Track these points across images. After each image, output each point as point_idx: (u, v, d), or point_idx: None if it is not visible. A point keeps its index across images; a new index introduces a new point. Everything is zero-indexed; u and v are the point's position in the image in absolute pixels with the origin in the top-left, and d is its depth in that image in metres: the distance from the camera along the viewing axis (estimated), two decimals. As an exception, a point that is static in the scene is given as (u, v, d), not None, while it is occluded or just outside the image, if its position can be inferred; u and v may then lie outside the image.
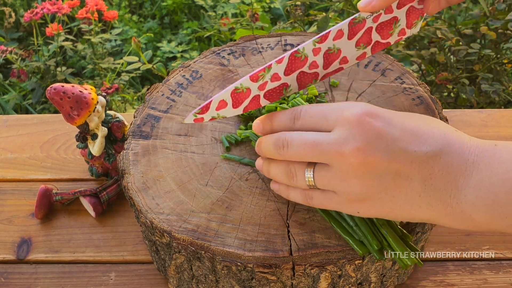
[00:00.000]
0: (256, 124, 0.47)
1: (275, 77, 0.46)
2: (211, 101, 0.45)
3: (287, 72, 0.47)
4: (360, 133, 0.39)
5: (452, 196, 0.38)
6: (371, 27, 0.49)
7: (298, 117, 0.44)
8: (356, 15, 0.47)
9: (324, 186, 0.42)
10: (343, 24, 0.47)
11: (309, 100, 0.57)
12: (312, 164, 0.42)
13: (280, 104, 0.54)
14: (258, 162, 0.48)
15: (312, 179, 0.42)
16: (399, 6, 0.49)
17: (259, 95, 0.47)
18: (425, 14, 0.52)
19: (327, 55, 0.48)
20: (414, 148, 0.39)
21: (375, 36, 0.50)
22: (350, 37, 0.48)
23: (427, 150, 0.38)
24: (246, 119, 0.58)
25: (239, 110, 0.47)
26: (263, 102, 0.48)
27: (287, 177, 0.44)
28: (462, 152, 0.38)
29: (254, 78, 0.45)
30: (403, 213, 0.40)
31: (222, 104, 0.46)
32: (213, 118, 0.46)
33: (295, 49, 0.46)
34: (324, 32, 0.46)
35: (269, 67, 0.45)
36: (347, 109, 0.41)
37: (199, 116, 0.45)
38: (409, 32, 0.53)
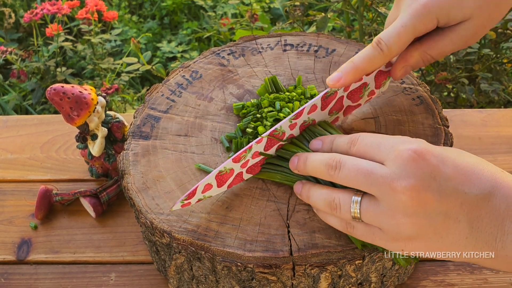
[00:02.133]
0: (313, 143, 0.48)
1: (255, 155, 0.48)
2: (196, 187, 0.46)
3: (266, 149, 0.49)
4: (414, 171, 0.38)
5: (497, 240, 0.38)
6: (343, 96, 0.52)
7: (355, 143, 0.43)
8: (328, 89, 0.50)
9: (370, 221, 0.41)
10: (316, 100, 0.49)
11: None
12: (359, 195, 0.42)
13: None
14: (297, 186, 0.47)
15: (358, 212, 0.41)
16: (367, 74, 0.51)
17: (241, 172, 0.49)
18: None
19: (303, 126, 0.50)
20: (465, 190, 0.38)
21: (346, 102, 0.53)
22: (323, 108, 0.51)
23: (477, 192, 0.38)
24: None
25: (224, 188, 0.49)
26: (246, 176, 0.50)
27: (330, 207, 0.43)
28: (510, 196, 0.38)
29: (236, 160, 0.47)
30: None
31: (208, 187, 0.47)
32: (199, 200, 0.48)
33: (272, 128, 0.48)
34: (298, 110, 0.48)
35: (250, 148, 0.47)
36: (402, 143, 0.40)
37: (186, 201, 0.47)
38: (378, 92, 0.57)
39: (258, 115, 0.55)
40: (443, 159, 0.39)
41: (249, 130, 0.54)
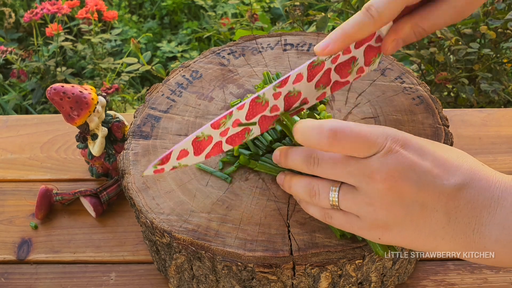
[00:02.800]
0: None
1: (236, 122, 0.46)
2: (171, 151, 0.44)
3: (248, 117, 0.46)
4: (393, 162, 0.39)
5: (475, 231, 0.38)
6: (330, 68, 0.49)
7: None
8: (315, 58, 0.47)
9: (347, 208, 0.42)
10: (302, 68, 0.47)
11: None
12: (337, 184, 0.42)
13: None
14: (280, 177, 0.48)
15: (337, 200, 0.42)
16: (356, 46, 0.50)
17: (221, 141, 0.46)
18: (382, 53, 0.52)
19: (288, 98, 0.48)
20: (443, 181, 0.39)
21: (334, 76, 0.51)
22: (309, 79, 0.48)
23: (455, 183, 0.38)
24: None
25: (202, 157, 0.46)
26: (226, 147, 0.47)
27: (309, 195, 0.44)
28: (488, 187, 0.38)
29: (215, 126, 0.45)
30: (426, 244, 0.40)
31: (183, 153, 0.45)
32: (174, 168, 0.45)
33: (255, 95, 0.45)
34: (283, 77, 0.46)
35: (230, 114, 0.45)
36: (382, 135, 0.40)
37: (159, 167, 0.44)
38: (367, 70, 0.54)
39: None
40: (422, 151, 0.39)
41: None
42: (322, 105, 0.56)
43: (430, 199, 0.39)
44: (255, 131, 0.48)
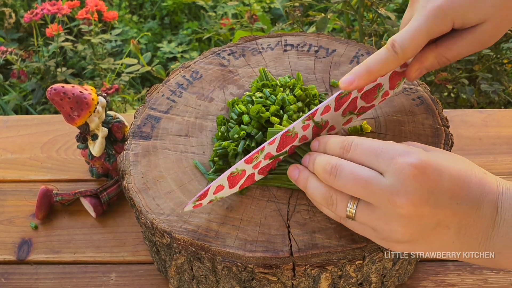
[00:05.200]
0: (312, 144, 0.48)
1: (268, 156, 0.48)
2: (208, 188, 0.46)
3: (278, 150, 0.48)
4: (414, 186, 0.39)
5: (481, 244, 0.41)
6: (356, 97, 0.51)
7: (348, 149, 0.43)
8: (341, 91, 0.49)
9: (363, 222, 0.42)
10: (330, 100, 0.49)
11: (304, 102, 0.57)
12: (356, 199, 0.42)
13: None
14: (294, 171, 0.48)
15: (354, 214, 0.42)
16: (381, 76, 0.51)
17: (253, 173, 0.49)
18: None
19: (316, 128, 0.50)
20: (458, 201, 0.40)
21: (360, 103, 0.53)
22: (336, 109, 0.50)
23: (468, 203, 0.40)
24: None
25: (236, 189, 0.48)
26: (258, 177, 0.50)
27: (326, 203, 0.44)
28: (494, 202, 0.40)
29: (248, 161, 0.47)
30: (435, 255, 0.42)
31: (219, 188, 0.47)
32: (211, 201, 0.48)
33: (285, 130, 0.47)
34: (311, 111, 0.48)
35: (262, 149, 0.47)
36: (401, 156, 0.40)
37: (197, 203, 0.47)
38: (392, 93, 0.56)
39: (248, 99, 0.56)
40: (440, 172, 0.40)
41: (233, 114, 0.54)
42: (367, 126, 0.55)
43: (445, 218, 0.40)
44: (284, 156, 0.50)
